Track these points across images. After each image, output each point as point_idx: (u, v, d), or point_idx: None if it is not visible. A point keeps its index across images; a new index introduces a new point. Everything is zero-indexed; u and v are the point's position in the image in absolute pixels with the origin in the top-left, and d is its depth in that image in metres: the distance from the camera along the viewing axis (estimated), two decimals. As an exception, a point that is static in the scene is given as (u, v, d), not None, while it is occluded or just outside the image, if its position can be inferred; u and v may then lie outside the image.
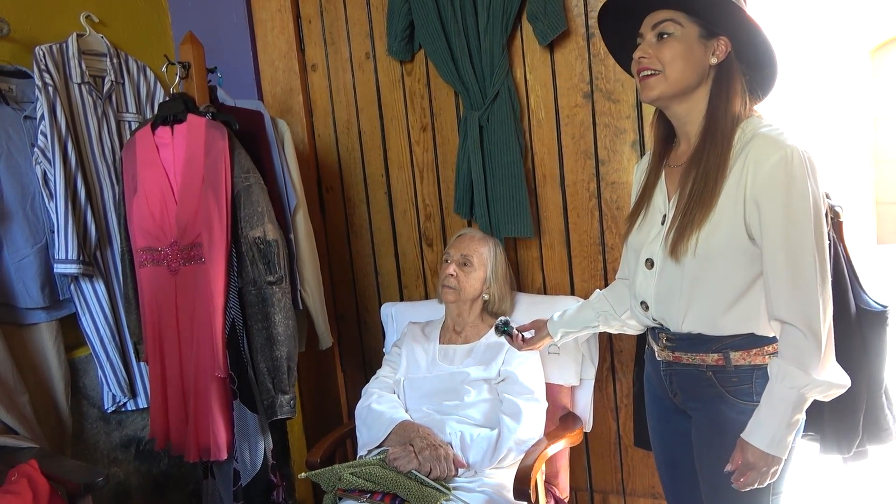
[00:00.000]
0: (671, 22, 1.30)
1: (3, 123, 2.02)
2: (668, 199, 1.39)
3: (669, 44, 1.30)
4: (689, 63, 1.30)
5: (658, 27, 1.31)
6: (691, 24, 1.30)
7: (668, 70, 1.30)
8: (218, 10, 2.48)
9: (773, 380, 1.23)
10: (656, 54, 1.30)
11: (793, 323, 1.21)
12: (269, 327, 1.84)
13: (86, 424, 2.23)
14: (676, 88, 1.31)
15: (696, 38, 1.30)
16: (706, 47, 1.31)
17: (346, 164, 2.45)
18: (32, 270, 2.06)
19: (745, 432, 1.25)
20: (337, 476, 1.65)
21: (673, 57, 1.29)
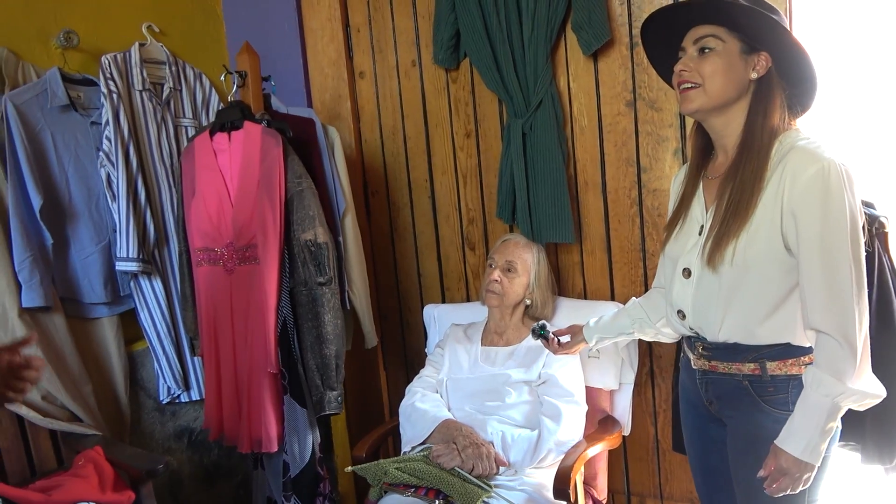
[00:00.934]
0: (713, 37, 1.33)
1: (72, 129, 2.14)
2: (706, 209, 1.42)
3: (710, 58, 1.33)
4: (730, 78, 1.32)
5: (700, 42, 1.34)
6: (733, 39, 1.33)
7: (707, 84, 1.33)
8: (270, 19, 2.57)
9: (808, 387, 1.25)
10: (697, 68, 1.33)
11: (828, 332, 1.23)
12: (319, 326, 1.92)
13: (142, 414, 2.35)
14: (715, 102, 1.34)
15: (737, 53, 1.33)
16: (747, 62, 1.33)
17: (391, 169, 2.52)
18: (96, 267, 2.18)
19: (779, 439, 1.28)
20: (383, 470, 1.72)
21: (713, 71, 1.32)
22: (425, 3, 2.35)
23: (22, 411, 1.93)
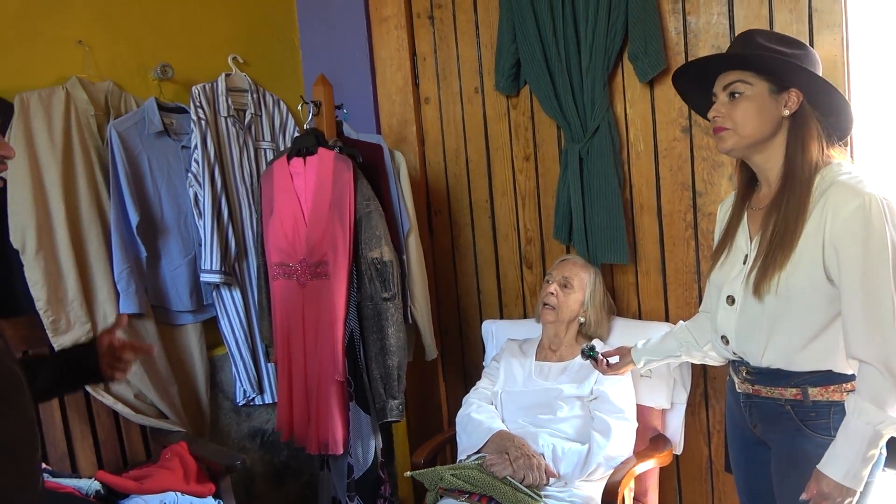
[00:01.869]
0: (741, 82, 1.39)
1: (165, 153, 2.36)
2: (750, 240, 1.47)
3: (740, 103, 1.39)
4: (762, 118, 1.38)
5: (729, 87, 1.41)
6: (761, 81, 1.39)
7: (739, 128, 1.40)
8: (343, 48, 2.75)
9: (850, 415, 1.29)
10: (728, 113, 1.40)
11: (870, 361, 1.27)
12: (383, 338, 2.06)
13: (220, 415, 2.54)
14: (748, 141, 1.40)
15: (766, 94, 1.39)
16: (777, 101, 1.39)
17: (453, 190, 2.65)
18: (184, 278, 2.39)
19: (821, 463, 1.32)
20: (439, 476, 1.84)
21: (744, 115, 1.39)
22: (488, 34, 2.47)
23: (118, 407, 2.14)
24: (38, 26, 2.16)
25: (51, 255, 2.07)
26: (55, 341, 2.06)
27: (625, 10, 2.13)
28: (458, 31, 2.55)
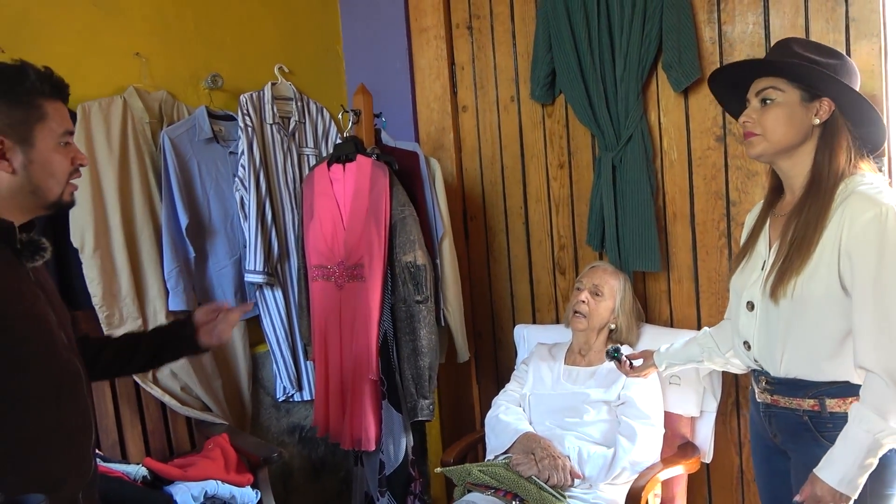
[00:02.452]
0: (773, 89, 1.41)
1: (214, 158, 2.48)
2: (770, 246, 1.49)
3: (771, 109, 1.41)
4: (791, 125, 1.40)
5: (761, 94, 1.43)
6: (793, 88, 1.40)
7: (768, 134, 1.41)
8: (385, 58, 2.84)
9: (851, 422, 1.30)
10: (759, 119, 1.42)
11: (875, 371, 1.28)
12: (415, 340, 2.13)
13: (261, 410, 2.65)
14: (777, 148, 1.42)
15: (797, 102, 1.40)
16: (808, 109, 1.40)
17: (489, 196, 2.70)
18: (229, 278, 2.51)
19: (818, 467, 1.32)
20: (467, 472, 1.90)
21: (775, 122, 1.40)
22: (525, 43, 2.52)
23: (165, 399, 2.26)
24: (100, 40, 2.30)
25: (107, 254, 2.20)
26: (109, 334, 2.18)
27: (659, 20, 2.15)
28: (495, 40, 2.61)
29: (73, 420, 1.25)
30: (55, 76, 1.24)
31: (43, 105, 1.20)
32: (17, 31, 2.13)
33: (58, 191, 1.23)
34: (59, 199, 1.24)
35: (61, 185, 1.23)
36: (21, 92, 1.17)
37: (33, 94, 1.19)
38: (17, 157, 1.18)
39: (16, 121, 1.17)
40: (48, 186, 1.21)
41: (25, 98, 1.18)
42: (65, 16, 2.23)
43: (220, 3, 2.57)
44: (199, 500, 1.92)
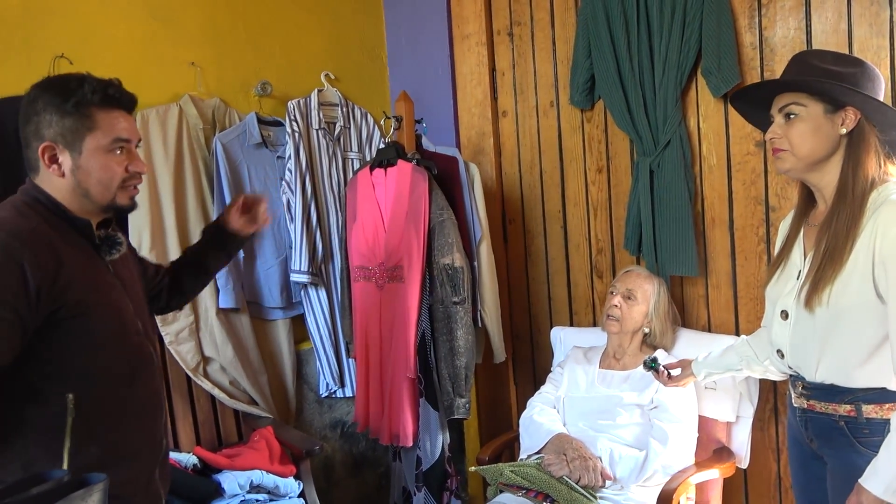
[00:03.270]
0: (795, 104, 1.41)
1: (263, 162, 2.59)
2: (805, 256, 1.49)
3: (796, 124, 1.41)
4: (817, 138, 1.40)
5: (784, 109, 1.43)
6: (815, 102, 1.40)
7: (795, 149, 1.41)
8: (427, 64, 2.91)
9: (893, 431, 1.29)
10: (785, 134, 1.42)
11: None
12: (452, 340, 2.18)
13: (305, 405, 2.75)
14: (807, 162, 1.42)
15: (821, 115, 1.40)
16: (833, 120, 1.40)
17: (527, 200, 2.74)
18: (275, 277, 2.61)
19: (863, 477, 1.32)
20: (500, 472, 1.94)
21: (800, 136, 1.41)
22: (564, 50, 2.56)
23: (215, 392, 2.38)
24: (159, 50, 2.43)
25: (162, 252, 2.33)
26: (163, 330, 2.31)
27: (699, 25, 2.16)
28: (535, 47, 2.65)
29: (145, 399, 1.38)
30: (112, 87, 1.31)
31: (94, 115, 1.28)
32: (85, 44, 2.27)
33: (108, 195, 1.31)
34: (114, 203, 1.32)
35: (111, 190, 1.31)
36: (73, 103, 1.26)
37: (85, 105, 1.27)
38: (66, 161, 1.28)
39: (66, 129, 1.26)
40: (97, 192, 1.30)
41: (77, 108, 1.26)
42: (126, 29, 2.37)
43: (269, 13, 2.69)
44: (245, 489, 2.02)
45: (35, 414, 1.21)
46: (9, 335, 1.15)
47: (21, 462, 1.20)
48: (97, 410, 1.26)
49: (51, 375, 1.23)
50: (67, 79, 1.30)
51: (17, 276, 1.16)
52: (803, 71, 1.43)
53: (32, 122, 1.28)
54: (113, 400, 1.30)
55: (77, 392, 1.21)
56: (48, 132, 1.27)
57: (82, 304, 1.24)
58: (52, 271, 1.20)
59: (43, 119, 1.26)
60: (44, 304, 1.19)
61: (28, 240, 1.20)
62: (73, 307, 1.23)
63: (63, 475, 0.94)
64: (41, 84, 1.31)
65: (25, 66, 2.18)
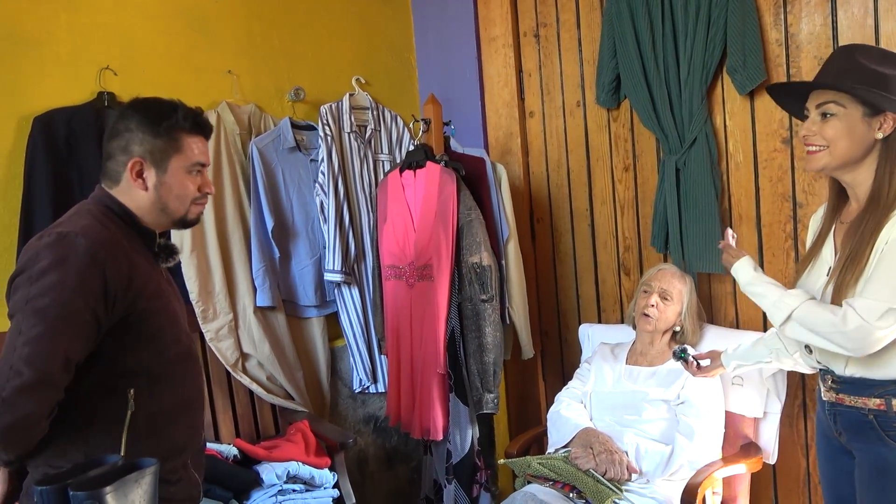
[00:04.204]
0: (833, 103, 1.40)
1: (297, 166, 2.68)
2: (835, 253, 1.50)
3: (832, 123, 1.40)
4: (853, 140, 1.39)
5: (822, 107, 1.42)
6: (854, 104, 1.39)
7: (832, 147, 1.41)
8: (455, 67, 2.97)
9: None
10: (820, 132, 1.42)
11: None
12: (481, 337, 2.24)
13: (339, 400, 2.83)
14: (840, 162, 1.42)
15: (859, 118, 1.39)
16: (870, 124, 1.39)
17: (555, 199, 2.78)
18: (310, 276, 2.70)
19: None
20: (527, 464, 1.99)
21: (836, 135, 1.40)
22: (590, 50, 2.59)
23: (253, 387, 2.47)
24: (197, 59, 2.54)
25: (202, 254, 2.43)
26: (204, 328, 2.41)
27: (724, 23, 2.17)
28: (561, 48, 2.69)
29: (193, 395, 1.48)
30: (201, 117, 1.45)
31: (182, 139, 1.40)
32: (128, 56, 2.38)
33: (182, 210, 1.43)
34: (185, 217, 1.45)
35: (185, 207, 1.43)
36: (166, 126, 1.38)
37: (176, 129, 1.39)
38: (151, 178, 1.39)
39: (156, 149, 1.38)
40: (174, 206, 1.42)
41: (168, 132, 1.38)
42: (167, 40, 2.48)
43: (301, 22, 2.77)
44: (283, 479, 2.11)
45: (101, 407, 1.31)
46: (86, 336, 1.25)
47: (84, 450, 1.29)
48: (153, 406, 1.36)
49: (117, 373, 1.32)
50: (162, 102, 1.41)
51: (99, 282, 1.25)
52: (848, 68, 1.40)
53: (123, 138, 1.38)
54: (167, 396, 1.39)
55: (138, 388, 1.31)
56: (138, 149, 1.37)
57: (148, 309, 1.35)
58: (127, 279, 1.30)
59: (135, 136, 1.37)
60: (118, 309, 1.29)
61: (109, 249, 1.30)
62: (141, 312, 1.33)
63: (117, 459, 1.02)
64: (135, 104, 1.42)
65: (73, 79, 2.30)
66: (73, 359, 1.23)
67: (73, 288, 1.23)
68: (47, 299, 1.21)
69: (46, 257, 1.24)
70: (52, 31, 2.28)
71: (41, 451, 1.27)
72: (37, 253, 1.26)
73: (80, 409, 1.29)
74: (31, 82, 2.24)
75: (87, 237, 1.28)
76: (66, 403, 1.25)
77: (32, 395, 1.17)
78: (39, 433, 1.21)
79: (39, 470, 1.29)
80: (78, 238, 1.26)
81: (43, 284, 1.22)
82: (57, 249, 1.25)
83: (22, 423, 1.17)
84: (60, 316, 1.21)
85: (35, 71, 2.25)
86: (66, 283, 1.23)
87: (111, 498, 0.93)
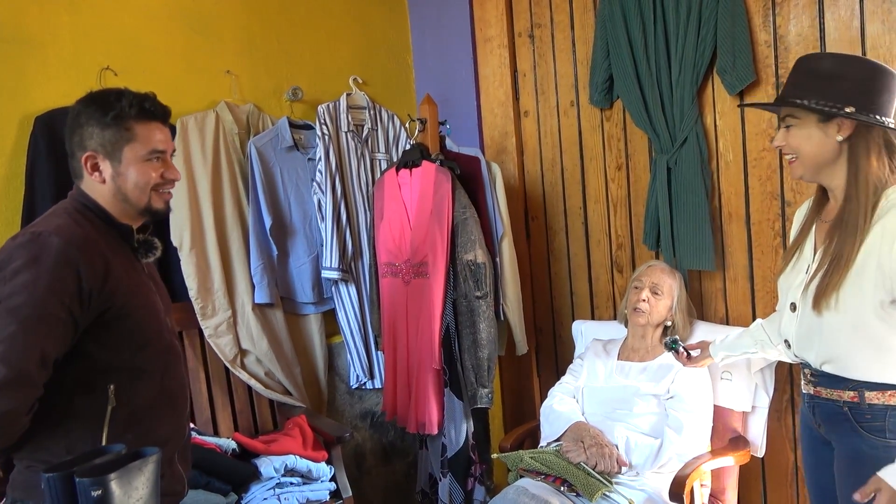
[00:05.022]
0: (790, 115, 1.51)
1: (294, 165, 2.71)
2: (815, 251, 1.55)
3: (793, 133, 1.51)
4: (814, 146, 1.48)
5: (784, 120, 1.54)
6: (806, 113, 1.48)
7: (800, 155, 1.51)
8: (451, 67, 3.00)
9: None
10: (786, 141, 1.52)
11: None
12: (475, 333, 2.28)
13: (336, 396, 2.87)
14: (812, 168, 1.51)
15: (814, 125, 1.48)
16: (826, 129, 1.47)
17: (549, 197, 2.82)
18: (307, 274, 2.74)
19: (882, 471, 1.37)
20: (519, 458, 2.04)
21: (799, 144, 1.50)
22: (584, 51, 2.63)
23: (251, 383, 2.52)
24: (197, 60, 2.58)
25: (201, 252, 2.47)
26: (203, 324, 2.45)
27: (714, 25, 2.21)
28: (555, 48, 2.73)
29: (175, 390, 1.50)
30: (148, 101, 1.41)
31: (133, 127, 1.38)
32: (129, 56, 2.42)
33: (144, 199, 1.41)
34: (150, 206, 1.43)
35: (146, 195, 1.41)
36: (112, 116, 1.37)
37: (124, 118, 1.37)
38: (107, 169, 1.39)
39: (107, 140, 1.37)
40: (135, 196, 1.40)
41: (116, 122, 1.36)
42: (167, 41, 2.51)
43: (300, 22, 2.81)
44: (280, 472, 2.15)
45: (81, 403, 1.33)
46: (63, 334, 1.26)
47: (64, 444, 1.31)
48: (134, 401, 1.37)
49: (96, 369, 1.34)
50: (107, 93, 1.40)
51: (73, 281, 1.27)
52: (796, 81, 1.50)
53: (77, 134, 1.38)
54: (148, 391, 1.41)
55: (118, 384, 1.33)
56: (90, 143, 1.37)
57: (126, 305, 1.36)
58: (102, 276, 1.31)
59: (86, 131, 1.37)
60: (94, 306, 1.31)
61: (83, 247, 1.31)
62: (118, 309, 1.35)
63: (121, 448, 1.06)
64: (84, 99, 1.41)
65: (75, 79, 2.34)
66: (49, 356, 1.24)
67: (46, 287, 1.24)
68: (20, 298, 1.22)
69: (19, 257, 1.25)
70: (54, 32, 2.32)
71: (23, 446, 1.29)
72: (10, 253, 1.27)
73: (60, 405, 1.30)
74: (33, 82, 2.28)
75: (61, 236, 1.29)
76: (47, 399, 1.26)
77: (9, 392, 1.18)
78: (20, 429, 1.22)
79: (23, 463, 1.32)
80: (51, 237, 1.27)
81: (16, 284, 1.23)
82: (30, 249, 1.26)
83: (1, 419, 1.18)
84: (34, 315, 1.22)
85: (37, 71, 2.29)
86: (39, 282, 1.23)
87: (115, 485, 0.97)
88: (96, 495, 0.95)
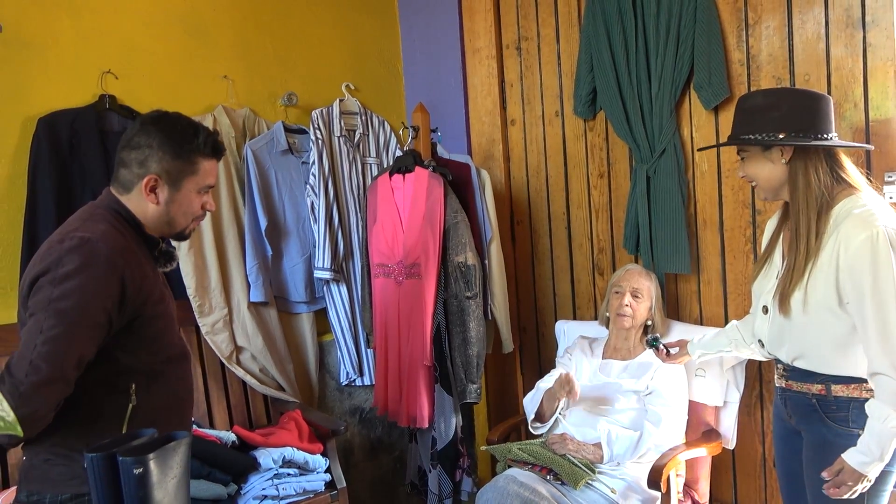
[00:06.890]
0: (742, 150, 1.70)
1: (289, 168, 2.80)
2: (783, 258, 1.69)
3: (746, 163, 1.70)
4: (764, 172, 1.65)
5: (739, 153, 1.72)
6: (752, 146, 1.65)
7: (757, 180, 1.68)
8: (440, 76, 3.12)
9: (873, 419, 1.49)
10: (745, 171, 1.70)
11: (885, 372, 1.48)
12: (465, 331, 2.39)
13: (327, 392, 2.96)
14: (769, 189, 1.67)
15: (760, 154, 1.66)
16: (769, 157, 1.64)
17: (534, 202, 2.95)
18: (300, 274, 2.82)
19: (846, 453, 1.52)
20: (507, 450, 2.16)
21: (754, 171, 1.68)
22: (569, 63, 2.76)
23: (246, 379, 2.59)
24: (194, 65, 2.65)
25: (199, 251, 2.54)
26: (200, 321, 2.52)
27: (691, 44, 2.35)
28: (541, 60, 2.85)
29: (183, 393, 1.57)
30: (218, 141, 1.50)
31: (199, 162, 1.46)
32: (128, 60, 2.49)
33: (185, 225, 1.51)
34: (184, 231, 1.53)
35: (188, 222, 1.51)
36: (188, 150, 1.44)
37: (195, 153, 1.45)
38: (163, 194, 1.46)
39: (174, 169, 1.44)
40: (180, 221, 1.49)
41: (188, 155, 1.44)
42: (165, 45, 2.58)
43: (294, 30, 2.90)
44: (278, 464, 2.23)
45: (104, 401, 1.39)
46: (99, 337, 1.33)
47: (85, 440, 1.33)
48: (150, 401, 1.44)
49: (119, 370, 1.41)
50: (184, 125, 1.46)
51: (118, 288, 1.34)
52: (740, 119, 1.67)
53: (142, 152, 1.43)
54: (164, 391, 1.48)
55: (137, 384, 1.40)
56: (155, 167, 1.43)
57: (152, 314, 1.43)
58: (139, 285, 1.39)
59: (154, 154, 1.42)
60: (128, 313, 1.38)
61: (126, 255, 1.37)
62: (146, 317, 1.42)
63: (153, 432, 1.15)
64: (158, 121, 1.45)
65: (76, 82, 2.40)
66: (85, 358, 1.31)
67: (93, 293, 1.30)
68: (69, 302, 1.27)
69: (71, 262, 1.30)
70: (56, 37, 2.37)
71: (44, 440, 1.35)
72: (60, 256, 1.31)
73: (83, 402, 1.36)
74: (35, 85, 2.34)
75: (107, 243, 1.34)
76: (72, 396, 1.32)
77: (47, 390, 1.24)
78: (44, 425, 1.28)
79: (40, 456, 1.37)
80: (98, 244, 1.33)
81: (66, 288, 1.28)
82: (80, 254, 1.31)
83: (32, 416, 1.24)
84: (79, 319, 1.28)
85: (40, 74, 2.35)
86: (88, 288, 1.29)
87: (154, 464, 1.05)
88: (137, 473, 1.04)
